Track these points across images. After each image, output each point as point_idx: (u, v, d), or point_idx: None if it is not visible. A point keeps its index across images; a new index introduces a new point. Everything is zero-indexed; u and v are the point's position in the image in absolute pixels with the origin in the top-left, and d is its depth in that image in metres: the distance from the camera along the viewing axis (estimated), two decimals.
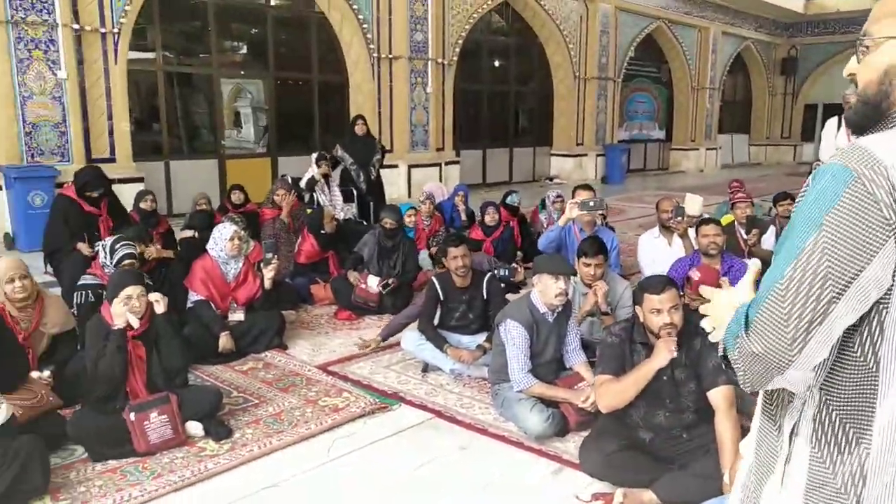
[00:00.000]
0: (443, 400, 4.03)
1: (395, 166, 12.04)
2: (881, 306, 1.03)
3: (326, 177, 7.54)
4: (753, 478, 1.22)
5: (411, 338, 4.48)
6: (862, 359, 1.06)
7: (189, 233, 6.47)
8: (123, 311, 3.43)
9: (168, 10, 9.99)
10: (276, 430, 3.63)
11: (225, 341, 4.64)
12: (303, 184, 7.38)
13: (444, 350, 4.33)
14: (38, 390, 3.53)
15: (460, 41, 13.06)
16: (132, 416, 3.34)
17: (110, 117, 8.91)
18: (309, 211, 6.70)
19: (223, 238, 4.82)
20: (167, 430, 3.40)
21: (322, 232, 6.13)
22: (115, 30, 8.77)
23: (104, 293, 3.89)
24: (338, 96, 12.20)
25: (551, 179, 15.86)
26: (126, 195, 7.09)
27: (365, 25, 11.57)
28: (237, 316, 4.85)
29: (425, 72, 12.41)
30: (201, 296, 4.73)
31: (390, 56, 11.99)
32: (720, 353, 1.19)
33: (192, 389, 3.73)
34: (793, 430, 1.14)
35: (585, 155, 16.34)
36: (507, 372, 3.69)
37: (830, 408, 1.10)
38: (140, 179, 8.96)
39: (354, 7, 11.38)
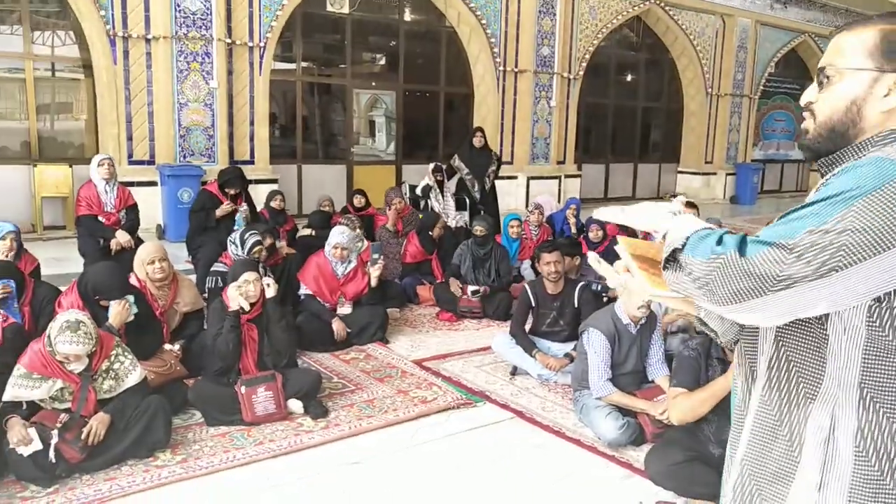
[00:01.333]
0: (526, 402, 4.19)
1: (515, 178, 12.27)
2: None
3: (441, 185, 7.88)
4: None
5: (502, 341, 4.67)
6: None
7: (309, 231, 6.99)
8: (237, 295, 3.86)
9: (309, 25, 10.77)
10: (367, 414, 3.95)
11: (339, 327, 5.03)
12: (419, 191, 7.75)
13: (532, 355, 4.50)
14: (169, 360, 4.06)
15: (587, 56, 13.09)
16: (242, 389, 3.76)
17: (252, 123, 9.72)
18: (420, 216, 7.04)
19: (330, 244, 5.22)
20: (271, 404, 3.80)
21: (429, 234, 6.44)
22: (262, 43, 9.58)
23: None
24: (463, 108, 12.59)
25: (675, 196, 15.45)
26: (261, 194, 7.77)
27: (492, 40, 11.89)
28: (345, 310, 5.24)
29: (550, 86, 12.56)
30: (310, 290, 5.15)
31: (516, 70, 12.22)
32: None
33: (297, 371, 4.11)
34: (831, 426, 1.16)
35: (714, 174, 15.82)
36: (588, 379, 3.80)
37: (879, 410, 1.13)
38: (274, 181, 9.71)
39: (483, 22, 11.72)
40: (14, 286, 4.16)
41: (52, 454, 3.09)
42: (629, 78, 15.57)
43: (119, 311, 3.72)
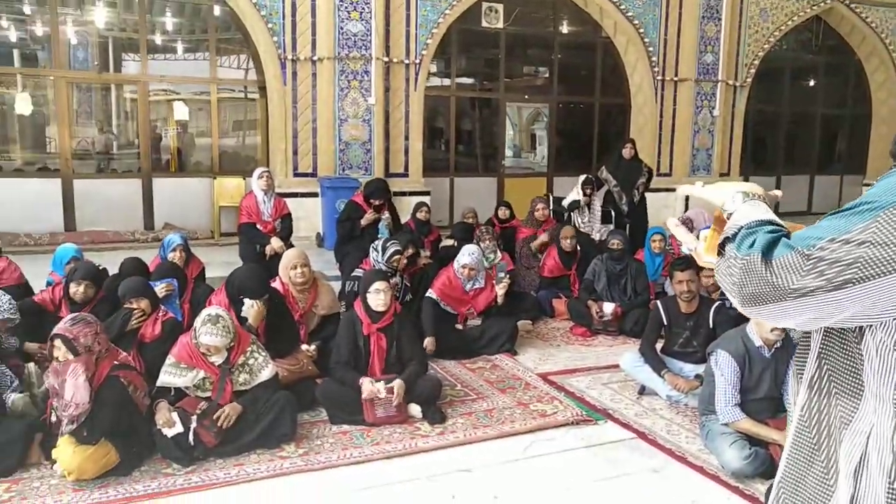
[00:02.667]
0: (650, 423, 4.02)
1: (672, 190, 11.75)
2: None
3: (589, 205, 7.76)
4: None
5: (630, 359, 4.51)
6: None
7: (450, 242, 7.15)
8: (250, 310, 4.03)
9: (463, 40, 11.05)
10: (484, 423, 3.98)
11: (427, 344, 5.06)
12: (565, 203, 7.68)
13: (661, 375, 4.30)
14: (303, 360, 4.34)
15: (756, 61, 12.30)
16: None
17: (407, 137, 10.12)
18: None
19: (458, 262, 5.30)
20: (391, 408, 3.94)
21: (560, 247, 6.36)
22: (417, 60, 9.96)
23: None
24: (618, 119, 12.30)
25: None
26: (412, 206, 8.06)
27: (650, 48, 11.52)
28: (475, 321, 5.31)
29: (713, 94, 11.93)
30: (440, 299, 5.27)
31: (675, 78, 11.75)
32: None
33: (419, 377, 4.22)
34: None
35: None
36: (715, 403, 3.57)
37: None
38: (427, 192, 10.04)
39: (641, 31, 11.40)
40: (176, 285, 4.66)
41: (191, 437, 3.42)
42: (807, 83, 14.39)
43: (254, 312, 4.03)
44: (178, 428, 3.42)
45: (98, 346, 3.29)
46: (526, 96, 12.37)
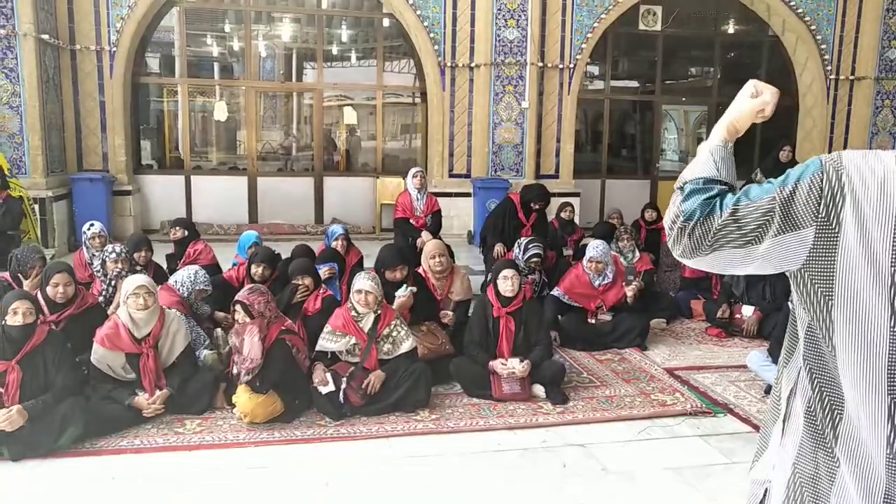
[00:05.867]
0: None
1: None
2: (827, 299, 1.22)
3: None
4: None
5: (757, 357, 4.53)
6: (829, 348, 1.26)
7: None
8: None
9: (619, 44, 11.13)
10: (603, 407, 4.22)
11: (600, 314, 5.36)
12: None
13: None
14: (441, 338, 4.79)
15: None
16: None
17: (559, 140, 10.38)
18: None
19: (586, 256, 5.52)
20: (517, 385, 4.30)
21: None
22: (571, 65, 10.20)
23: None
24: (783, 121, 11.74)
25: None
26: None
27: (823, 46, 10.93)
28: (605, 316, 5.51)
29: None
30: (561, 292, 5.53)
31: (852, 77, 11.05)
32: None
33: (544, 360, 4.53)
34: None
35: None
36: None
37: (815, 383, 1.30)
38: (576, 194, 10.24)
39: (812, 28, 10.85)
40: (337, 269, 5.31)
41: (340, 396, 3.99)
42: None
43: (402, 301, 4.55)
44: (331, 387, 4.00)
45: (269, 313, 3.94)
46: (683, 98, 12.17)
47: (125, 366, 3.95)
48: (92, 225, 5.73)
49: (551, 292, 5.62)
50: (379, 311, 4.19)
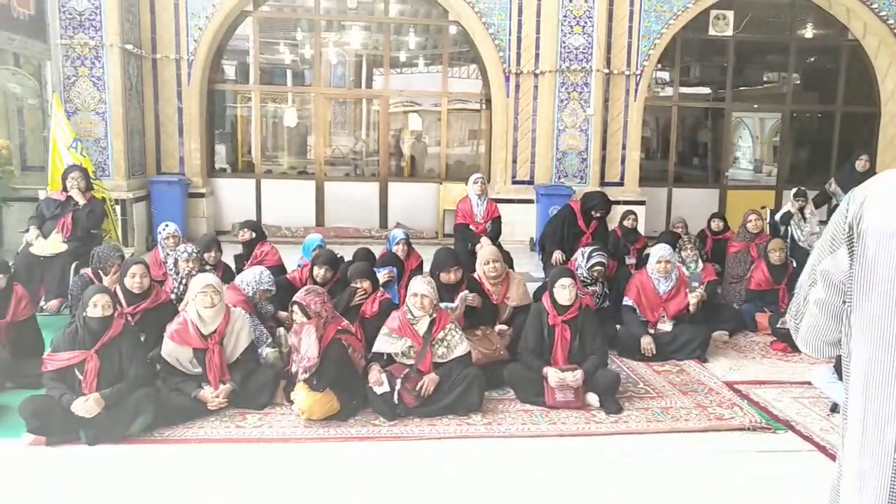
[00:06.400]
0: (836, 439, 3.92)
1: None
2: (847, 306, 1.28)
3: (802, 211, 7.39)
4: None
5: (822, 373, 4.39)
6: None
7: None
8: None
9: (688, 49, 10.92)
10: (657, 419, 4.18)
11: (646, 343, 5.28)
12: (778, 217, 7.40)
13: None
14: (495, 343, 4.84)
15: None
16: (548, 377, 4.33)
17: (624, 147, 10.26)
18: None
19: (654, 258, 5.45)
20: (570, 393, 4.30)
21: (769, 261, 6.18)
22: (638, 71, 10.08)
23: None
24: (863, 129, 11.28)
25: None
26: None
27: None
28: (665, 326, 5.44)
29: None
30: (632, 301, 5.47)
31: None
32: None
33: (600, 370, 4.51)
34: None
35: None
36: None
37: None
38: (641, 202, 10.11)
39: None
40: (396, 273, 5.42)
41: (395, 397, 4.08)
42: None
43: (456, 314, 4.62)
44: (386, 388, 4.09)
45: (325, 313, 4.08)
46: (755, 105, 11.85)
47: (192, 360, 4.14)
48: (167, 226, 6.02)
49: (624, 303, 5.52)
50: (434, 315, 4.27)
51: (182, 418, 3.98)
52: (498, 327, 4.91)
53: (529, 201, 10.03)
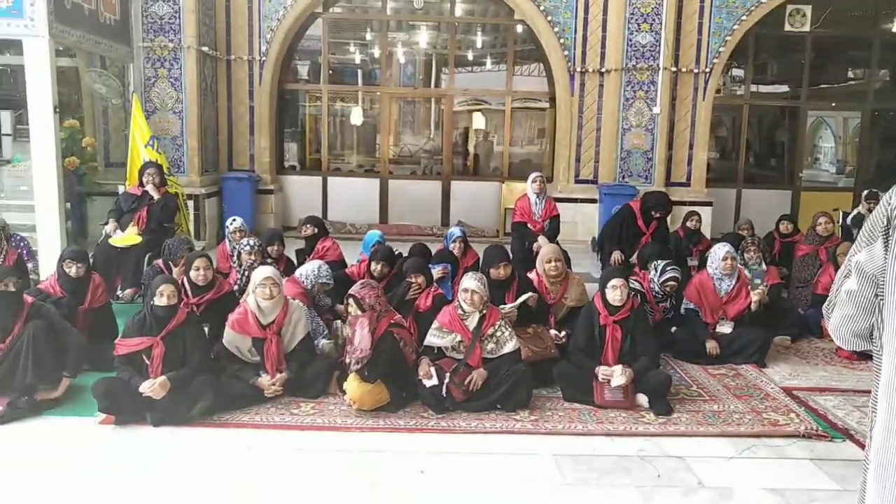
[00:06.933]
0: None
1: None
2: (880, 299, 1.26)
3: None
4: None
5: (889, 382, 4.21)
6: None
7: None
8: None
9: (761, 46, 10.59)
10: (709, 422, 4.12)
11: (710, 346, 5.19)
12: (849, 219, 7.12)
13: None
14: (547, 341, 4.85)
15: None
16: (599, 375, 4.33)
17: (691, 147, 10.05)
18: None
19: (718, 256, 5.33)
20: (619, 393, 4.28)
21: (837, 265, 5.96)
22: (707, 69, 9.84)
23: None
24: None
25: None
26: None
27: None
28: (724, 329, 5.32)
29: None
30: (692, 304, 5.38)
31: None
32: None
33: (650, 371, 4.47)
34: None
35: None
36: None
37: None
38: (709, 203, 9.88)
39: None
40: (450, 270, 5.50)
41: (443, 390, 4.16)
42: None
43: (509, 313, 4.66)
44: (435, 381, 4.17)
45: (378, 306, 4.19)
46: (833, 104, 11.38)
47: (251, 349, 4.33)
48: (234, 220, 6.28)
49: (684, 306, 5.41)
50: (485, 311, 4.32)
51: (240, 404, 4.16)
52: (553, 332, 4.91)
53: (593, 201, 9.96)
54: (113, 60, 8.99)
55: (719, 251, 5.35)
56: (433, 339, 4.36)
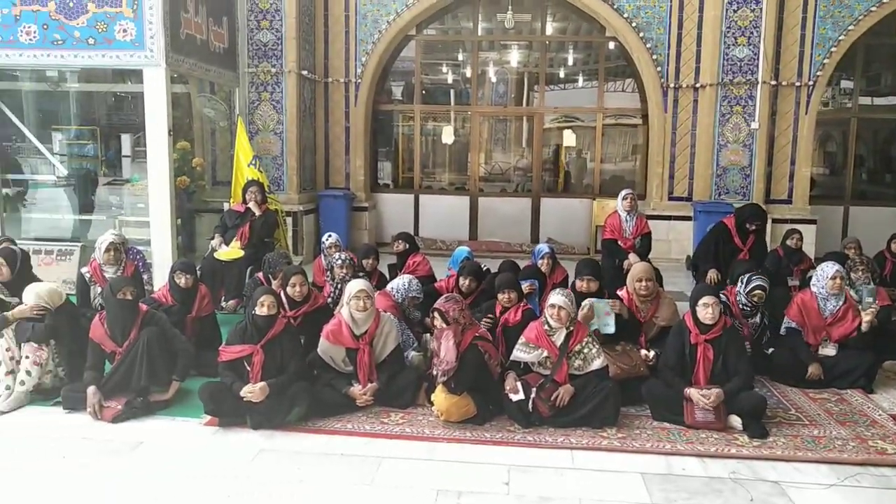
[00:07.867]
0: None
1: None
2: None
3: None
4: None
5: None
6: None
7: None
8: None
9: (870, 56, 10.08)
10: (808, 447, 3.95)
11: (813, 369, 4.97)
12: None
13: None
14: (636, 359, 4.79)
15: None
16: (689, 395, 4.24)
17: (793, 162, 9.66)
18: None
19: (827, 275, 5.08)
20: (710, 414, 4.17)
21: None
22: (811, 82, 9.46)
23: None
24: None
25: None
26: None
27: None
28: (828, 351, 5.08)
29: None
30: (794, 322, 5.17)
31: None
32: None
33: (744, 392, 4.33)
34: None
35: None
36: None
37: None
38: (812, 221, 9.46)
39: None
40: (538, 286, 5.53)
41: (530, 405, 4.18)
42: None
43: (584, 313, 4.66)
44: (521, 395, 4.20)
45: (463, 320, 4.27)
46: None
47: (345, 359, 4.49)
48: (329, 236, 6.54)
49: (785, 325, 5.22)
50: (572, 328, 4.32)
51: (333, 411, 4.33)
52: (643, 352, 4.84)
53: (687, 218, 9.74)
54: (220, 86, 9.57)
55: (827, 270, 5.11)
56: (520, 353, 4.39)
